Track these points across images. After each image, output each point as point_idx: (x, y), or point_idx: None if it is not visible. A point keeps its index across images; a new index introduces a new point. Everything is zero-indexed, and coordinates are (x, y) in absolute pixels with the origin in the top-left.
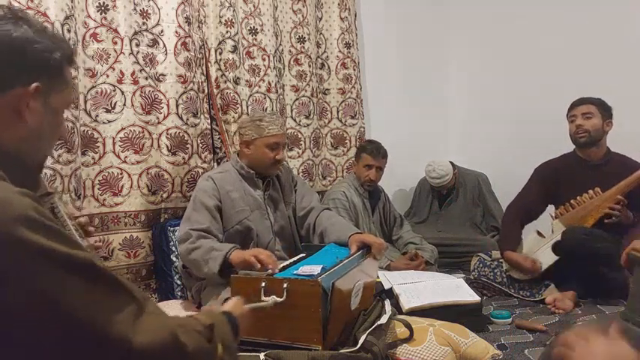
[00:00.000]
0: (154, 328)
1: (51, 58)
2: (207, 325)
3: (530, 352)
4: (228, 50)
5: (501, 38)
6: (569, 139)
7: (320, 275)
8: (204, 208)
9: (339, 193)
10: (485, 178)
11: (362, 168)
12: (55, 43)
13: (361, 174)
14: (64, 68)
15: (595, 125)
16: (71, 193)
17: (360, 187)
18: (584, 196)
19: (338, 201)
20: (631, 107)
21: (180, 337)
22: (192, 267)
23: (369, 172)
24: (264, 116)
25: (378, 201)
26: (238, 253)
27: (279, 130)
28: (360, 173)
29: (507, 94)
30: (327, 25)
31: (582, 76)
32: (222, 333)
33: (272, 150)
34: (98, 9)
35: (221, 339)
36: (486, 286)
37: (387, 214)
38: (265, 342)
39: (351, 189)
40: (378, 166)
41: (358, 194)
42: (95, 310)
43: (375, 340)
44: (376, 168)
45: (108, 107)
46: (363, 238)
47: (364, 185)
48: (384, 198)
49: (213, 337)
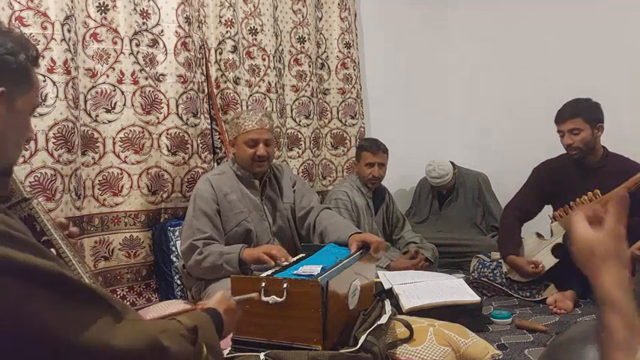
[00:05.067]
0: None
1: (15, 61)
2: (190, 328)
3: (530, 352)
4: (228, 50)
5: (501, 38)
6: None
7: (320, 275)
8: (204, 215)
9: (341, 193)
10: (485, 178)
11: (363, 167)
12: (20, 45)
13: (364, 173)
14: (29, 70)
15: (584, 139)
16: (71, 193)
17: (364, 187)
18: (584, 198)
19: (340, 201)
20: (631, 107)
21: (162, 341)
22: (206, 275)
23: (372, 169)
24: (242, 113)
25: (382, 201)
26: (249, 251)
27: (255, 126)
28: (362, 172)
29: (507, 94)
30: (327, 25)
31: (582, 77)
32: (206, 333)
33: (251, 147)
34: (98, 9)
35: (205, 340)
36: (486, 286)
37: (391, 214)
38: (265, 342)
39: (354, 189)
40: (380, 162)
41: (361, 194)
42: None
43: (375, 340)
44: (378, 164)
45: (108, 107)
46: (363, 237)
47: (368, 184)
48: (388, 198)
49: (198, 339)
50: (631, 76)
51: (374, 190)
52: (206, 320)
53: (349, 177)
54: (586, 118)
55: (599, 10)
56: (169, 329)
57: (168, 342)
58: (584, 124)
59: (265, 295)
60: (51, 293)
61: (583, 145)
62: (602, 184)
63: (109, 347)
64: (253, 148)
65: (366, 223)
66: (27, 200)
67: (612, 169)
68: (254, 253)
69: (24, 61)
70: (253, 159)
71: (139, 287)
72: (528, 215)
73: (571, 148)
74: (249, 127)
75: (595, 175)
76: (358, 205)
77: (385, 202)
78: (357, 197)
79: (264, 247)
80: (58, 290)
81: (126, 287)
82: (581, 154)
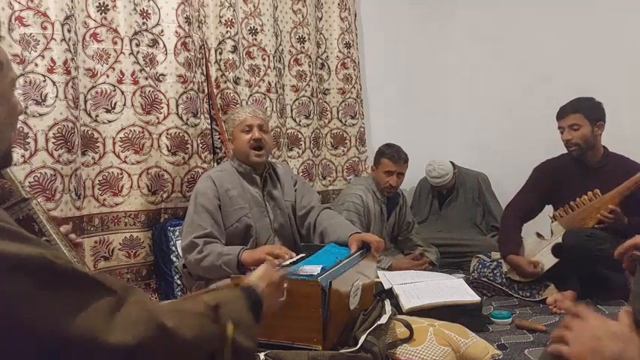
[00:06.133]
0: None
1: None
2: (211, 306)
3: (530, 352)
4: (228, 50)
5: (501, 38)
6: None
7: (320, 275)
8: (205, 211)
9: (355, 196)
10: (485, 178)
11: (382, 174)
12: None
13: (381, 180)
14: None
15: (584, 136)
16: (71, 193)
17: (379, 192)
18: (584, 198)
19: (352, 204)
20: (631, 107)
21: (166, 322)
22: (205, 274)
23: (390, 178)
24: (235, 108)
25: (395, 205)
26: (249, 253)
27: (249, 114)
28: (379, 179)
29: (507, 94)
30: (327, 25)
31: (582, 77)
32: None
33: (246, 133)
34: (98, 9)
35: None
36: (486, 286)
37: (402, 217)
38: (265, 342)
39: (369, 193)
40: (399, 171)
41: (376, 199)
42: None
43: (375, 340)
44: (397, 174)
45: (108, 107)
46: (363, 237)
47: (384, 192)
48: (402, 202)
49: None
50: (631, 76)
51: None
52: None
53: (366, 179)
54: (587, 115)
55: (599, 10)
56: (180, 309)
57: (173, 322)
58: (584, 120)
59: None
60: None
61: (582, 141)
62: (602, 183)
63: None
64: (248, 133)
65: (376, 229)
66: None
67: (612, 168)
68: (255, 255)
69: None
70: (250, 145)
71: (139, 287)
72: (529, 215)
73: (570, 144)
74: (242, 117)
75: (595, 174)
76: (371, 210)
77: (399, 206)
78: (371, 202)
79: (266, 248)
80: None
81: None
82: (579, 150)
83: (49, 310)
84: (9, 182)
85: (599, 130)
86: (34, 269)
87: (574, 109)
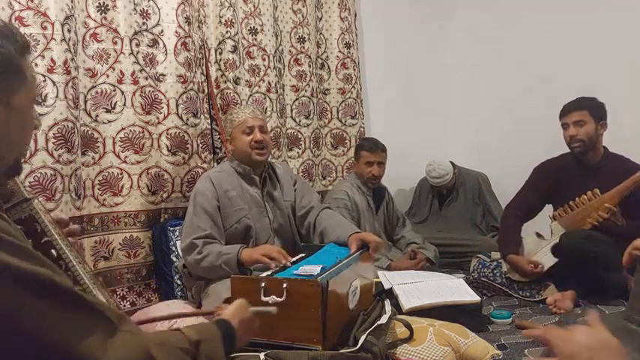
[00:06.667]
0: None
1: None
2: (193, 342)
3: (530, 352)
4: (228, 50)
5: (501, 38)
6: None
7: (320, 275)
8: (204, 212)
9: (342, 192)
10: (485, 178)
11: (362, 166)
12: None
13: (363, 172)
14: (18, 61)
15: (588, 133)
16: (71, 193)
17: (364, 186)
18: (583, 198)
19: (340, 201)
20: (631, 107)
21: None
22: (206, 274)
23: (371, 168)
24: (233, 109)
25: (382, 199)
26: (248, 252)
27: (249, 115)
28: (361, 171)
29: (507, 94)
30: (327, 25)
31: (582, 77)
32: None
33: (247, 134)
34: (98, 9)
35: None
36: (486, 286)
37: (391, 212)
38: (265, 342)
39: (354, 188)
40: (379, 161)
41: (361, 193)
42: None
43: (375, 340)
44: (377, 163)
45: (108, 107)
46: (363, 236)
47: (368, 183)
48: (387, 197)
49: (199, 354)
50: (631, 76)
51: (374, 189)
52: (214, 334)
53: (349, 177)
54: (591, 112)
55: (599, 10)
56: (167, 342)
57: (161, 356)
58: (589, 117)
59: (265, 295)
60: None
61: (586, 138)
62: (602, 183)
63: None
64: (250, 135)
65: (367, 223)
66: (28, 201)
67: (612, 169)
68: (253, 255)
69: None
70: (251, 146)
71: (139, 287)
72: (529, 214)
73: (574, 140)
74: (242, 118)
75: (595, 174)
76: (359, 204)
77: (385, 200)
78: (358, 197)
79: (262, 249)
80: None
81: (126, 287)
82: (583, 147)
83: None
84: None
85: (602, 129)
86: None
87: (579, 106)
